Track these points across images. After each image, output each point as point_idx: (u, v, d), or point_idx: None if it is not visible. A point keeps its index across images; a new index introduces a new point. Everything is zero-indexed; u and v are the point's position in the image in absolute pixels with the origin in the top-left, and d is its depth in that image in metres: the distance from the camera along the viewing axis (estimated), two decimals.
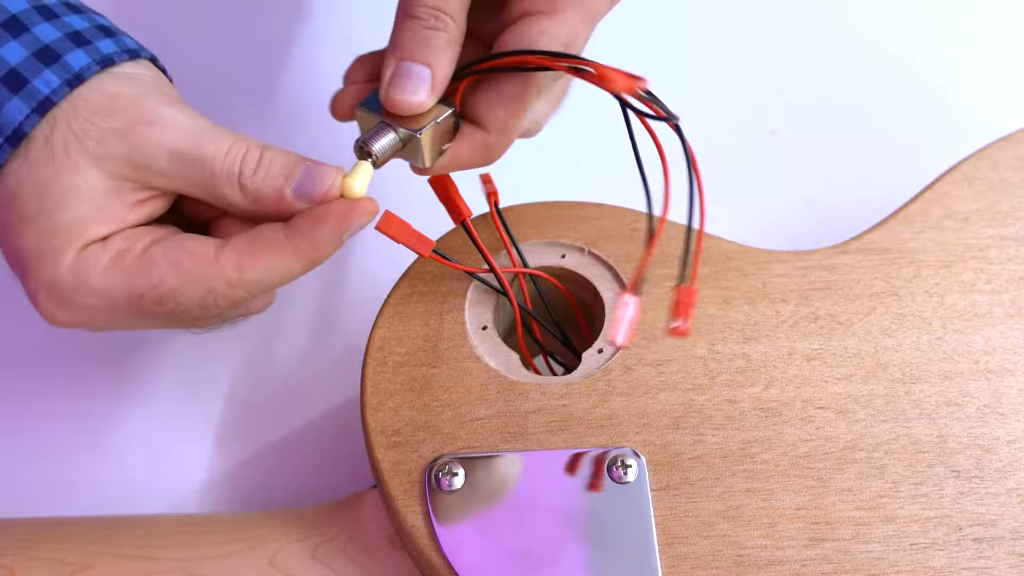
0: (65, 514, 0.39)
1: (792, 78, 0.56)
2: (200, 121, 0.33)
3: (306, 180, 0.33)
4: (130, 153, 0.32)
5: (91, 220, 0.32)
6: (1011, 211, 0.41)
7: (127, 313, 0.33)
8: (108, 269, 0.32)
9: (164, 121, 0.32)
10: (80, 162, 0.31)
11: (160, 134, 0.32)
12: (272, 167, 0.33)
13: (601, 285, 0.39)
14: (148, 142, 0.32)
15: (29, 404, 0.45)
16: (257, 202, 0.33)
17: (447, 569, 0.33)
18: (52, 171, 0.31)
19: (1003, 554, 0.33)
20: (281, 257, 0.33)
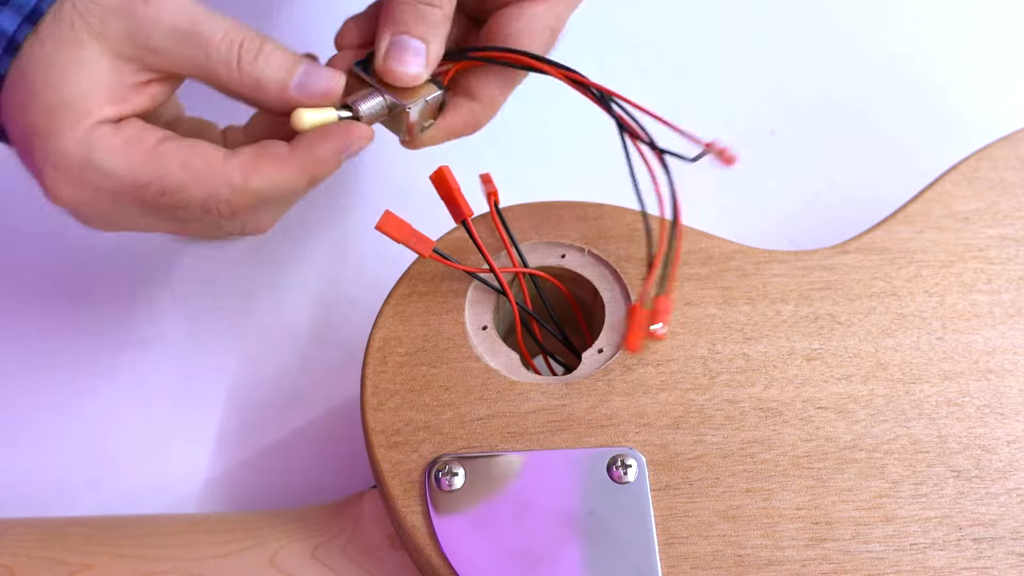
0: (65, 514, 0.39)
1: (792, 78, 0.56)
2: (199, 6, 0.33)
3: (308, 76, 0.34)
4: (130, 30, 0.32)
5: (97, 96, 0.32)
6: (1011, 211, 0.41)
7: (129, 201, 0.33)
8: (117, 151, 0.33)
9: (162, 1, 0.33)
10: (84, 37, 0.32)
11: (158, 12, 0.32)
12: (272, 58, 0.34)
13: (601, 285, 0.39)
14: (146, 19, 0.32)
15: (29, 404, 0.45)
16: (256, 89, 0.34)
17: (447, 569, 0.33)
18: (57, 45, 0.32)
19: (1003, 554, 0.33)
20: (285, 170, 0.34)
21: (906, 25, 0.59)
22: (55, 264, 0.48)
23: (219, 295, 0.47)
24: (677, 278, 0.38)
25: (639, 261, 0.39)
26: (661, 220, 0.38)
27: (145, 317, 0.47)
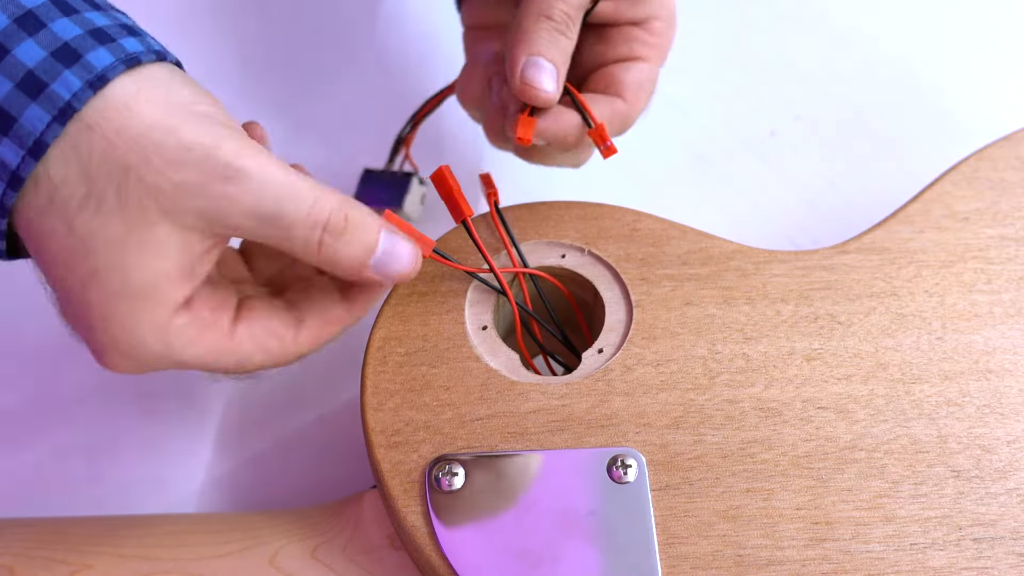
0: (65, 514, 0.39)
1: (792, 78, 0.56)
2: (277, 172, 0.30)
3: (387, 257, 0.33)
4: (204, 209, 0.30)
5: (169, 279, 0.30)
6: (1011, 211, 0.41)
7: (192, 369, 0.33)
8: (195, 343, 0.31)
9: (241, 177, 0.30)
10: (153, 216, 0.29)
11: (237, 193, 0.30)
12: (355, 237, 0.32)
13: (601, 285, 0.39)
14: (224, 200, 0.30)
15: (29, 404, 0.45)
16: (333, 267, 0.33)
17: (447, 569, 0.33)
18: (127, 226, 0.29)
19: (1003, 554, 0.33)
20: (346, 324, 0.35)
21: (906, 26, 0.59)
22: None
23: None
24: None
25: (639, 261, 0.39)
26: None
27: None
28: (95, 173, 0.29)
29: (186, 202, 0.29)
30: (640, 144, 0.53)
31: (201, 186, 0.29)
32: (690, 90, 0.55)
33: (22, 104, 0.28)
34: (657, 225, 0.40)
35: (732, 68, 0.57)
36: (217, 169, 0.29)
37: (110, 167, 0.29)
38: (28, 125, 0.28)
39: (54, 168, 0.29)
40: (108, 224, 0.29)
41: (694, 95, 0.55)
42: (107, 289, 0.30)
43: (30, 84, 0.28)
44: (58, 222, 0.29)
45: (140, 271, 0.30)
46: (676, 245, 0.39)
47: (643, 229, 0.40)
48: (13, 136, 0.28)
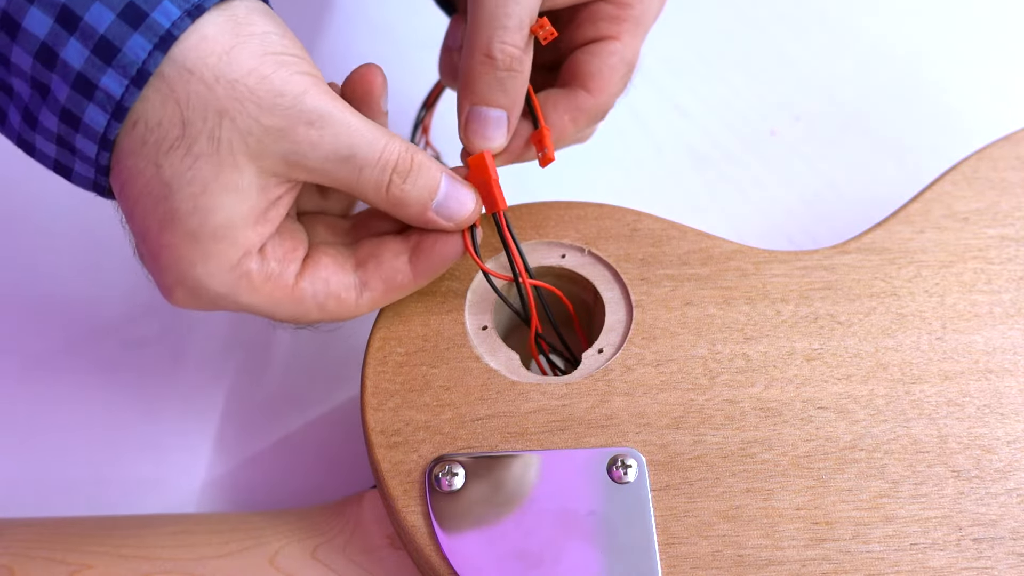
0: (65, 514, 0.39)
1: (792, 78, 0.56)
2: (354, 118, 0.32)
3: (449, 200, 0.35)
4: (287, 151, 0.31)
5: (245, 222, 0.32)
6: (1011, 211, 0.41)
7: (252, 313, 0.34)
8: (258, 290, 0.33)
9: (324, 121, 0.31)
10: (241, 160, 0.31)
11: (320, 136, 0.31)
12: (419, 179, 0.34)
13: (601, 285, 0.39)
14: (307, 143, 0.31)
15: (28, 404, 0.45)
16: (397, 208, 0.34)
17: (447, 569, 0.33)
18: (214, 168, 0.31)
19: (1003, 554, 0.33)
20: (404, 293, 0.36)
21: (906, 25, 0.59)
22: (54, 263, 0.48)
23: None
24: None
25: (639, 261, 0.39)
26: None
27: (145, 316, 0.47)
28: (191, 116, 0.30)
29: (273, 145, 0.31)
30: (640, 144, 0.54)
31: (288, 129, 0.31)
32: (690, 90, 0.55)
33: (124, 34, 0.29)
34: (657, 225, 0.40)
35: (732, 68, 0.57)
36: (303, 114, 0.31)
37: (206, 111, 0.30)
38: (131, 54, 0.29)
39: (151, 110, 0.30)
40: (195, 167, 0.30)
41: (694, 95, 0.55)
42: (184, 229, 0.31)
43: (131, 14, 0.29)
44: (147, 162, 0.31)
45: (219, 213, 0.31)
46: (676, 245, 0.39)
47: (643, 229, 0.40)
48: (116, 66, 0.29)
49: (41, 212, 0.49)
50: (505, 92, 0.35)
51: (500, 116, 0.36)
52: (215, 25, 0.30)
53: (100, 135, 0.30)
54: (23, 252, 0.48)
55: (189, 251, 0.31)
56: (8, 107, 0.32)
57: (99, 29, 0.29)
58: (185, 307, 0.33)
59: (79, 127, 0.30)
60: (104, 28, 0.29)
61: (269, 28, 0.31)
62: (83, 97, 0.30)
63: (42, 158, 0.33)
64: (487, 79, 0.35)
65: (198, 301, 0.33)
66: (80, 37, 0.29)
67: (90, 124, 0.30)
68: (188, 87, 0.30)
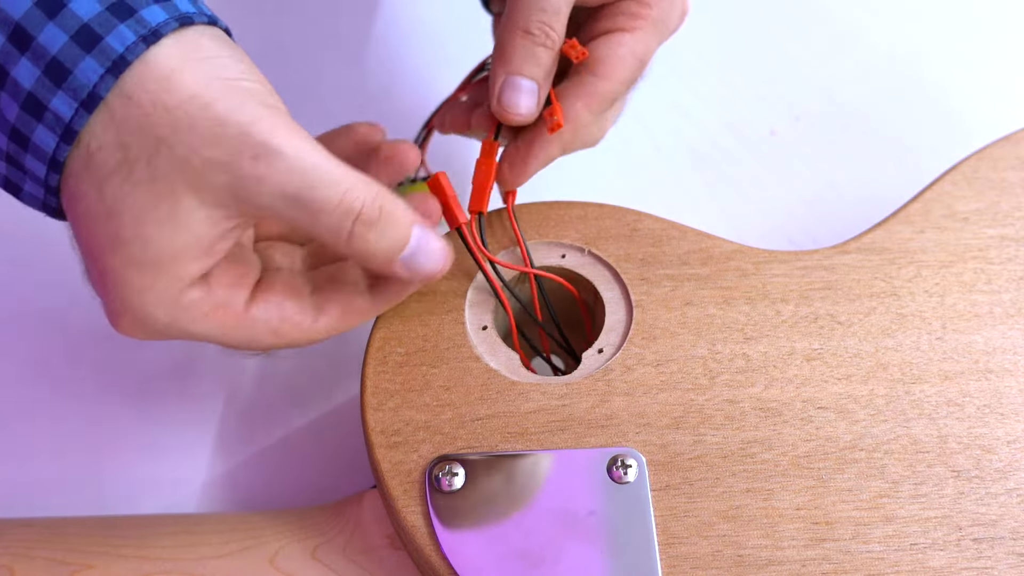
0: (65, 514, 0.39)
1: (792, 78, 0.56)
2: (312, 155, 0.30)
3: (418, 255, 0.33)
4: (232, 186, 0.30)
5: (189, 253, 0.30)
6: (1011, 211, 0.41)
7: (201, 341, 0.33)
8: (207, 318, 0.32)
9: (272, 156, 0.29)
10: (180, 189, 0.29)
11: (266, 172, 0.29)
12: (387, 230, 0.32)
13: (601, 285, 0.39)
14: (252, 179, 0.30)
15: (29, 404, 0.45)
16: (360, 259, 0.33)
17: (447, 569, 0.33)
18: (153, 197, 0.29)
19: (1003, 554, 0.33)
20: (365, 318, 0.35)
21: (906, 25, 0.59)
22: (53, 263, 0.48)
23: None
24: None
25: (639, 261, 0.39)
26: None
27: None
28: (129, 141, 0.29)
29: (214, 178, 0.29)
30: (640, 144, 0.53)
31: (229, 163, 0.29)
32: (690, 90, 0.55)
33: (76, 56, 0.29)
34: (657, 225, 0.40)
35: (732, 68, 0.57)
36: (248, 147, 0.29)
37: (144, 138, 0.29)
38: (82, 77, 0.29)
39: (93, 134, 0.29)
40: (135, 193, 0.29)
41: (694, 95, 0.55)
42: (126, 256, 0.30)
43: (85, 37, 0.29)
44: (90, 186, 0.30)
45: (159, 242, 0.30)
46: (676, 245, 0.39)
47: (643, 229, 0.40)
48: (67, 88, 0.29)
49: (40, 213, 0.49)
50: (538, 64, 0.37)
51: (532, 86, 0.37)
52: (163, 49, 0.29)
53: (49, 156, 0.29)
54: (22, 252, 0.48)
55: (131, 278, 0.30)
56: None
57: (51, 50, 0.28)
58: (132, 336, 0.32)
59: (28, 147, 0.30)
60: (56, 50, 0.28)
61: (223, 53, 0.30)
62: (32, 118, 0.29)
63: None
64: (523, 51, 0.36)
65: (144, 330, 0.32)
66: (32, 57, 0.28)
67: (39, 145, 0.29)
68: (127, 112, 0.29)
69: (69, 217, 0.31)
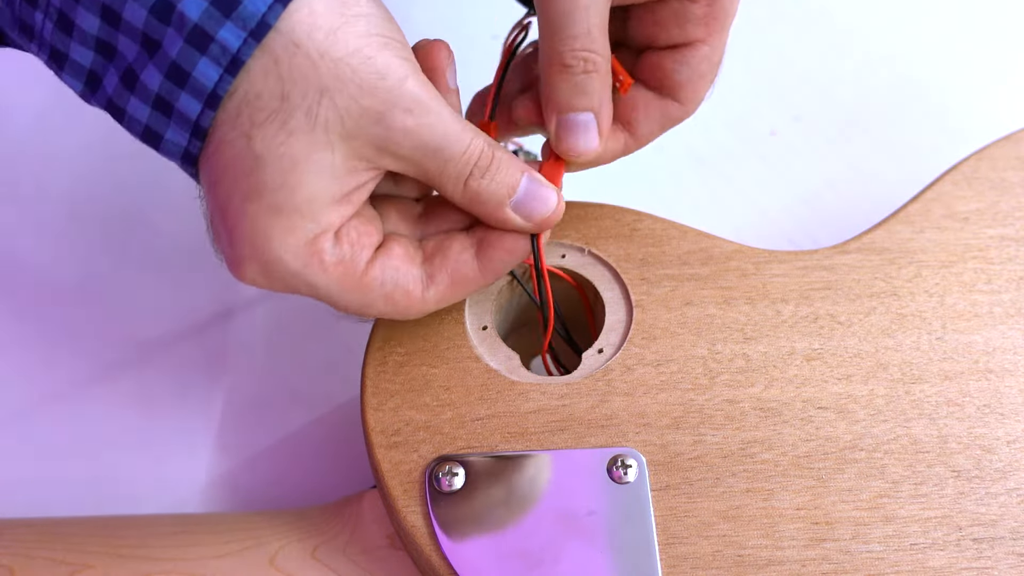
0: (65, 514, 0.39)
1: (792, 78, 0.56)
2: (446, 109, 0.32)
3: (528, 198, 0.34)
4: (381, 137, 0.31)
5: (327, 201, 0.31)
6: (1011, 211, 0.41)
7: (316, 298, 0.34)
8: (328, 272, 0.32)
9: (421, 110, 0.31)
10: (335, 139, 0.31)
11: (415, 124, 0.31)
12: (498, 174, 0.33)
13: (601, 285, 0.39)
14: (402, 131, 0.31)
15: (29, 404, 0.45)
16: (473, 203, 0.34)
17: (447, 569, 0.33)
18: (308, 145, 0.30)
19: (1003, 554, 0.33)
20: (473, 289, 0.35)
21: (906, 26, 0.59)
22: (55, 264, 0.48)
23: (220, 294, 0.47)
24: None
25: (639, 261, 0.39)
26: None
27: (145, 316, 0.47)
28: (291, 90, 0.30)
29: (368, 128, 0.31)
30: None
31: (385, 113, 0.31)
32: None
33: (216, 23, 0.29)
34: (657, 225, 0.40)
35: (732, 68, 0.57)
36: (403, 99, 0.31)
37: (307, 87, 0.30)
38: (251, 7, 0.29)
39: (252, 81, 0.30)
40: (288, 142, 0.30)
41: None
42: (267, 202, 0.31)
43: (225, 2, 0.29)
44: (239, 134, 0.30)
45: (306, 189, 0.31)
46: (676, 245, 0.39)
47: (643, 229, 0.40)
48: (236, 18, 0.29)
49: (39, 214, 0.49)
50: (587, 94, 0.35)
51: (588, 119, 0.35)
52: (323, 1, 0.30)
53: (209, 91, 0.30)
54: (22, 253, 0.48)
55: (268, 224, 0.31)
56: (106, 71, 0.31)
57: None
58: (253, 284, 0.33)
59: (186, 83, 0.30)
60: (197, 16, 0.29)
61: (373, 10, 0.31)
62: (196, 51, 0.29)
63: (131, 124, 0.32)
64: (566, 86, 0.35)
65: (268, 278, 0.33)
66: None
67: (199, 79, 0.30)
68: (293, 61, 0.30)
69: (205, 168, 0.32)
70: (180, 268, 0.48)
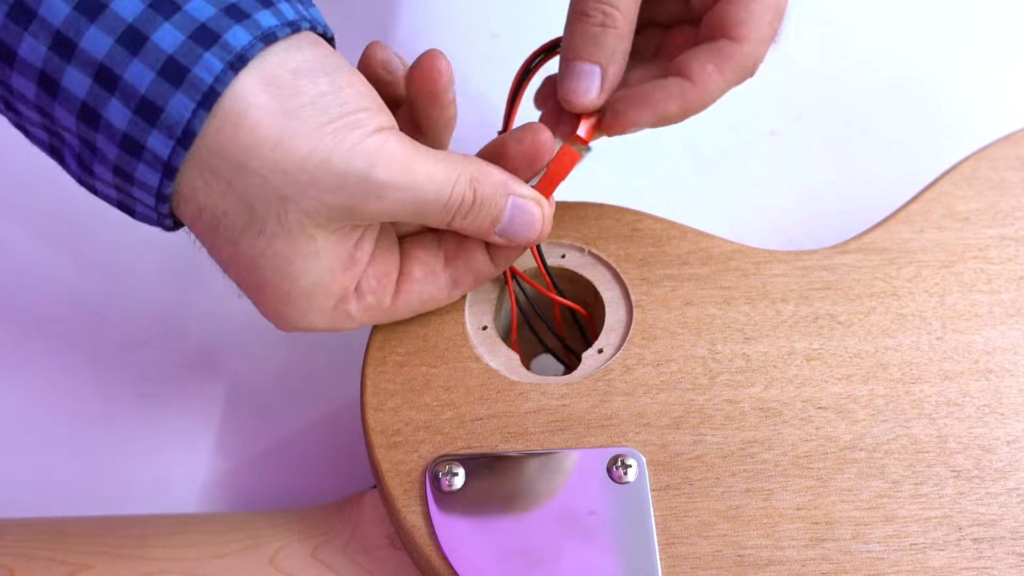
0: (65, 514, 0.39)
1: (792, 78, 0.56)
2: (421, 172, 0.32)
3: (512, 225, 0.35)
4: (358, 216, 0.32)
5: (333, 277, 0.33)
6: (1011, 211, 0.41)
7: None
8: (359, 320, 0.35)
9: (392, 192, 0.31)
10: (313, 231, 0.31)
11: (390, 203, 0.31)
12: (482, 211, 0.34)
13: (601, 285, 0.39)
14: (376, 211, 0.32)
15: (29, 404, 0.45)
16: (462, 233, 0.35)
17: (447, 569, 0.33)
18: (290, 244, 0.31)
19: (1003, 554, 0.33)
20: (487, 280, 0.37)
21: (906, 26, 0.59)
22: (55, 263, 0.48)
23: (220, 294, 0.47)
24: None
25: (639, 261, 0.39)
26: None
27: (146, 316, 0.47)
28: (255, 204, 0.30)
29: (340, 216, 0.31)
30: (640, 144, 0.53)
31: (354, 207, 0.31)
32: None
33: (166, 93, 0.28)
34: (657, 225, 0.40)
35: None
36: (371, 191, 0.31)
37: (268, 199, 0.30)
38: (175, 114, 0.28)
39: (215, 202, 0.30)
40: (271, 246, 0.31)
41: None
42: (277, 293, 0.33)
43: (171, 71, 0.28)
44: (224, 242, 0.31)
45: (307, 277, 0.32)
46: (676, 245, 0.39)
47: (643, 229, 0.40)
48: (161, 126, 0.29)
49: (39, 214, 0.49)
50: (599, 46, 0.35)
51: (592, 69, 0.35)
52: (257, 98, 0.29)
53: (155, 190, 0.30)
54: (22, 253, 0.48)
55: (286, 310, 0.33)
56: (63, 151, 0.32)
57: (140, 89, 0.28)
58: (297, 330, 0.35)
59: (133, 182, 0.30)
60: (144, 88, 0.28)
61: (322, 85, 0.30)
62: (132, 157, 0.29)
63: (105, 198, 0.33)
64: (581, 35, 0.35)
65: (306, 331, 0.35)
66: (121, 97, 0.28)
67: (143, 180, 0.30)
68: (245, 180, 0.30)
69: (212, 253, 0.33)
70: (180, 268, 0.48)
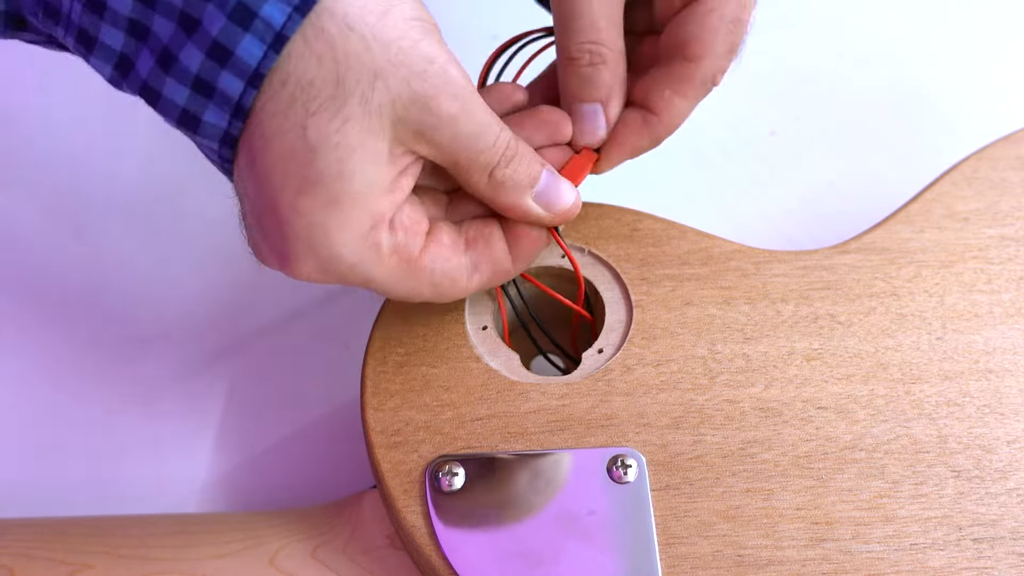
0: (65, 514, 0.39)
1: (792, 78, 0.56)
2: (481, 100, 0.32)
3: (548, 189, 0.34)
4: (424, 123, 0.31)
5: (381, 191, 0.31)
6: (1011, 211, 0.41)
7: (367, 288, 0.34)
8: (385, 262, 0.32)
9: (465, 96, 0.31)
10: (386, 125, 0.30)
11: (460, 111, 0.31)
12: (522, 165, 0.34)
13: (601, 285, 0.39)
14: (447, 116, 0.31)
15: (29, 403, 0.45)
16: (498, 192, 0.34)
17: (447, 569, 0.33)
18: (364, 132, 0.30)
19: (1003, 554, 0.33)
20: (503, 280, 0.36)
21: (906, 26, 0.59)
22: (55, 263, 0.48)
23: (221, 294, 0.47)
24: None
25: (639, 261, 0.39)
26: None
27: (146, 316, 0.47)
28: (346, 75, 0.29)
29: (416, 113, 0.30)
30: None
31: (434, 98, 0.30)
32: None
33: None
34: (657, 225, 0.40)
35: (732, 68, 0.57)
36: (450, 85, 0.30)
37: (362, 70, 0.29)
38: (268, 18, 0.28)
39: (304, 67, 0.29)
40: (343, 130, 0.30)
41: None
42: (324, 194, 0.30)
43: None
44: (292, 124, 0.30)
45: (361, 178, 0.30)
46: (676, 245, 0.39)
47: (643, 229, 0.40)
48: (255, 31, 0.29)
49: (39, 214, 0.49)
50: (593, 85, 0.36)
51: (594, 108, 0.36)
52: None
53: (252, 69, 0.29)
54: (22, 252, 0.48)
55: (326, 218, 0.31)
56: (138, 54, 0.30)
57: None
58: (309, 279, 0.33)
59: (228, 61, 0.29)
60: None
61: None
62: (239, 27, 0.29)
63: (167, 107, 0.31)
64: (574, 77, 0.36)
65: (324, 274, 0.32)
66: None
67: (242, 56, 0.29)
68: (347, 45, 0.29)
69: (250, 163, 0.31)
70: (180, 268, 0.48)
